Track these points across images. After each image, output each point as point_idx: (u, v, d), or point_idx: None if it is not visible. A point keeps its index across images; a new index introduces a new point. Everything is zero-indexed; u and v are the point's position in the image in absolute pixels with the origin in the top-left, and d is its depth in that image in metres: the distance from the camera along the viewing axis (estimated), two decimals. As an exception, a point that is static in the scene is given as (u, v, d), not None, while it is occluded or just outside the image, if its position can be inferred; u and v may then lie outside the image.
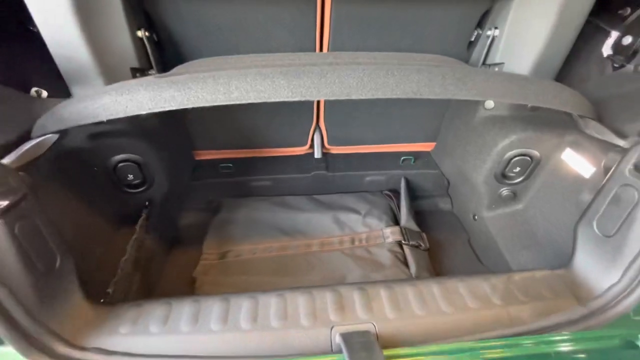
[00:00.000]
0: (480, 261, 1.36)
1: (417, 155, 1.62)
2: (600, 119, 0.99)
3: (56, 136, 0.80)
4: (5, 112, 0.88)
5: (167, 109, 0.73)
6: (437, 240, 1.45)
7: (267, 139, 1.52)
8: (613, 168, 0.84)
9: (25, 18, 1.07)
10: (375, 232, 1.37)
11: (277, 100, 0.73)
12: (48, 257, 0.73)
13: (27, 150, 0.77)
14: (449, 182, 1.59)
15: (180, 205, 1.45)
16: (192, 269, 1.26)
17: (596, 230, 0.87)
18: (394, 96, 0.76)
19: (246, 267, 1.26)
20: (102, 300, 0.87)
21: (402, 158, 1.60)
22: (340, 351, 0.70)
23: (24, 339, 0.65)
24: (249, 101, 0.74)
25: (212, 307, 0.79)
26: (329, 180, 1.55)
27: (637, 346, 0.68)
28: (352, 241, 1.35)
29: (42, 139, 0.79)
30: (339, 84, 0.74)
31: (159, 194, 1.20)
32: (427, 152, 1.65)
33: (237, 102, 0.74)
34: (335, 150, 1.61)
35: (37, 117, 0.87)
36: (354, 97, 0.75)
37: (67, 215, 0.94)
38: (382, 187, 1.60)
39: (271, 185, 1.53)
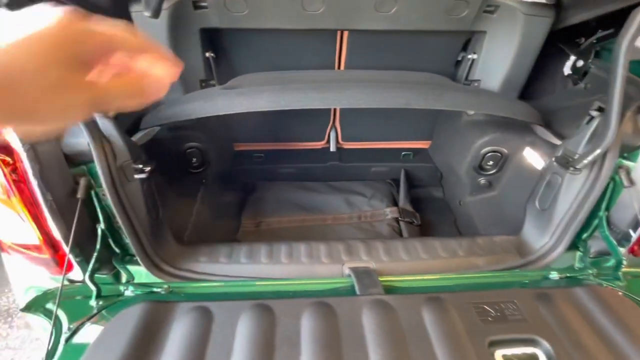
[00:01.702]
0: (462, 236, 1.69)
1: (415, 151, 1.95)
2: (550, 124, 1.30)
3: (158, 128, 1.17)
4: None
5: (235, 112, 1.09)
6: (429, 221, 1.78)
7: (292, 135, 1.86)
8: (549, 161, 1.17)
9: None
10: (378, 211, 1.71)
11: (310, 107, 1.07)
12: (156, 209, 1.09)
13: (140, 137, 1.14)
14: (441, 174, 1.92)
15: (223, 186, 1.82)
16: (232, 234, 1.62)
17: (537, 206, 1.19)
18: (391, 106, 1.10)
19: (276, 234, 1.61)
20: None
21: (403, 153, 1.93)
22: (347, 277, 1.05)
23: (148, 260, 1.01)
24: (291, 108, 1.08)
25: (261, 248, 1.15)
26: (341, 170, 1.89)
27: (550, 278, 1.01)
28: (359, 217, 1.69)
29: (149, 130, 1.16)
30: (353, 97, 1.09)
31: (211, 174, 1.57)
32: (424, 149, 1.98)
33: (283, 109, 1.09)
34: (347, 145, 1.95)
35: (132, 113, 1.24)
36: (362, 106, 1.09)
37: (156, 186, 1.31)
38: (385, 176, 1.94)
39: (295, 172, 1.88)
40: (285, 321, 0.79)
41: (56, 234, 0.88)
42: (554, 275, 1.01)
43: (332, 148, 1.91)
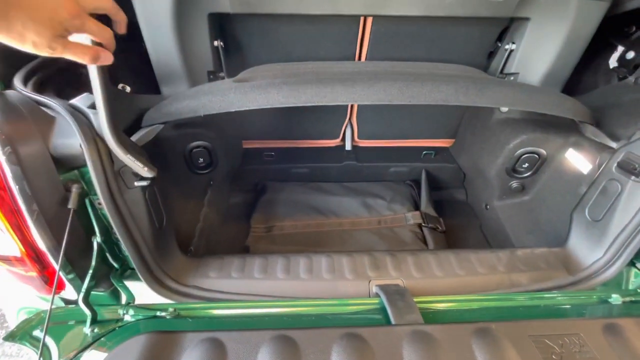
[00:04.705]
0: (489, 244, 1.56)
1: (437, 150, 1.81)
2: (598, 123, 1.16)
3: (161, 126, 1.04)
4: (118, 105, 1.11)
5: (250, 108, 0.95)
6: (452, 225, 1.65)
7: (305, 132, 1.73)
8: (603, 165, 1.03)
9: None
10: (399, 215, 1.58)
11: (336, 103, 0.94)
12: (160, 216, 0.97)
13: (141, 136, 1.01)
14: (464, 175, 1.78)
15: (231, 186, 1.69)
16: (242, 238, 1.50)
17: (587, 216, 1.06)
18: (426, 102, 0.96)
19: (289, 239, 1.49)
20: (187, 254, 1.11)
21: (424, 152, 1.79)
22: (376, 297, 0.93)
23: (151, 277, 0.89)
24: (314, 104, 0.95)
25: (277, 261, 1.03)
26: (357, 170, 1.76)
27: (608, 302, 0.88)
28: (379, 222, 1.56)
29: (152, 127, 1.03)
30: (384, 92, 0.95)
31: (220, 175, 1.44)
32: (446, 148, 1.84)
33: (305, 105, 0.95)
34: (363, 143, 1.81)
35: (133, 108, 1.10)
36: (395, 102, 0.95)
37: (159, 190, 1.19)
38: (404, 177, 1.80)
39: (308, 172, 1.75)
40: (312, 359, 0.66)
41: (43, 248, 0.75)
42: (616, 299, 0.88)
43: (348, 146, 1.77)
